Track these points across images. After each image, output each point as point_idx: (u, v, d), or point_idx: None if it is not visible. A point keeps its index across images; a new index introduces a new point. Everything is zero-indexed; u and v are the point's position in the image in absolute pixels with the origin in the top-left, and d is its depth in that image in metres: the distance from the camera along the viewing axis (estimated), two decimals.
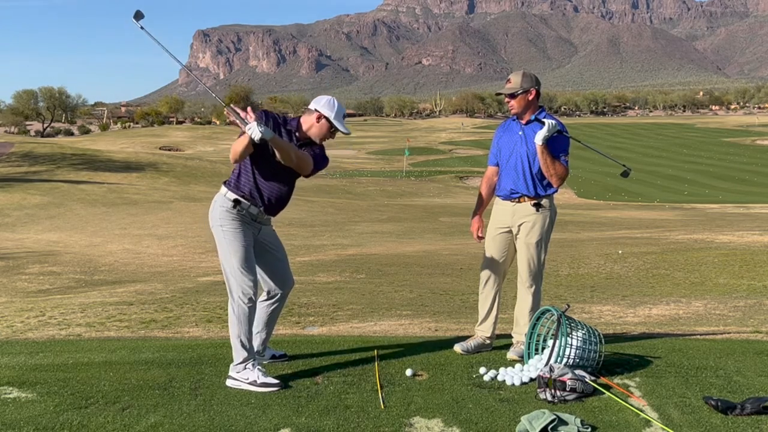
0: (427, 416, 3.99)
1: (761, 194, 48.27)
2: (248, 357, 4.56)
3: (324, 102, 4.67)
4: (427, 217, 29.76)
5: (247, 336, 4.57)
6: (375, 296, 9.32)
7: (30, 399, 4.27)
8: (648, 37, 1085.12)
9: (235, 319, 4.56)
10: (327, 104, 4.65)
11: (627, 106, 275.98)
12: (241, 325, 4.55)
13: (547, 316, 4.95)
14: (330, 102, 4.67)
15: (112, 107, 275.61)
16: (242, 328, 4.55)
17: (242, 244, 4.56)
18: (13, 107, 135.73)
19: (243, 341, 4.57)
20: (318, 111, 4.63)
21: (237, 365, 4.56)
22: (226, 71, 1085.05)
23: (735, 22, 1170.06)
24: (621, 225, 25.77)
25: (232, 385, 4.53)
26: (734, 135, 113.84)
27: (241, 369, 4.54)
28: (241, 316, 4.55)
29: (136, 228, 24.16)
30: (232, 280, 4.56)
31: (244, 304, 4.54)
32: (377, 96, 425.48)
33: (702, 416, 3.95)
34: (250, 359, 4.56)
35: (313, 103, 4.69)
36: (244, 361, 4.55)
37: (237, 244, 4.55)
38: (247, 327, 4.58)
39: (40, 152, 51.03)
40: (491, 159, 5.41)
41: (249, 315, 4.57)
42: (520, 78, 5.14)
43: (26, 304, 9.21)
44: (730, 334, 6.02)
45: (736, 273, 10.99)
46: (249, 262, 4.58)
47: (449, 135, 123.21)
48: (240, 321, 4.55)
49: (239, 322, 4.56)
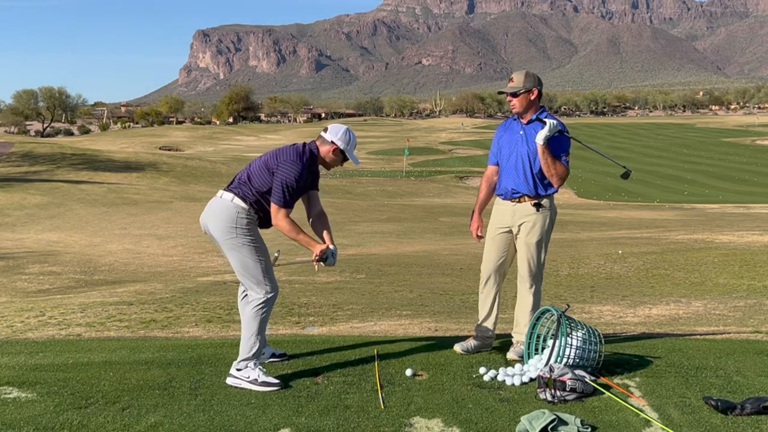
0: (427, 416, 3.99)
1: (761, 194, 48.24)
2: (255, 355, 4.63)
3: (341, 135, 4.78)
4: (427, 217, 29.75)
5: (262, 335, 4.67)
6: (375, 296, 9.31)
7: (30, 399, 4.27)
8: (648, 37, 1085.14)
9: (258, 316, 4.64)
10: (343, 137, 4.78)
11: (627, 106, 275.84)
12: (263, 323, 4.65)
13: (547, 316, 4.95)
14: (346, 135, 4.80)
15: (112, 107, 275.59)
16: (262, 326, 4.66)
17: (263, 248, 4.70)
18: (13, 107, 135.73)
19: (259, 340, 4.65)
20: (335, 144, 4.76)
21: (241, 362, 4.60)
22: (226, 71, 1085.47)
23: (735, 22, 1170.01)
24: (621, 225, 25.77)
25: (232, 383, 4.56)
26: (734, 135, 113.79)
27: (243, 366, 4.59)
28: (265, 315, 4.66)
29: (136, 228, 24.16)
30: (260, 283, 4.64)
31: (272, 302, 4.67)
32: (377, 96, 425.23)
33: (702, 416, 3.95)
34: (255, 358, 4.63)
35: (329, 135, 4.79)
36: (251, 359, 4.60)
37: (259, 249, 4.67)
38: (265, 326, 4.69)
39: (40, 152, 51.04)
40: (491, 158, 5.42)
41: (268, 315, 4.69)
42: (522, 77, 5.15)
43: (26, 304, 9.20)
44: (730, 334, 6.01)
45: (736, 273, 10.99)
46: (269, 264, 4.72)
47: (449, 135, 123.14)
48: (262, 320, 4.65)
49: (261, 320, 4.65)
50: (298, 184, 4.61)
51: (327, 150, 4.76)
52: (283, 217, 4.61)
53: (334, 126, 4.84)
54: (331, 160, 4.79)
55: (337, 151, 4.77)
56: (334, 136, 4.76)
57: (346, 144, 4.77)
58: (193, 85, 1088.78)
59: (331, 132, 4.79)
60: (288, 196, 4.60)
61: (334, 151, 4.76)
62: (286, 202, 4.61)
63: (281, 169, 4.59)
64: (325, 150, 4.76)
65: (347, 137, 4.78)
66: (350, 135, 4.81)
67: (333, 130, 4.80)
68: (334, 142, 4.75)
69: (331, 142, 4.75)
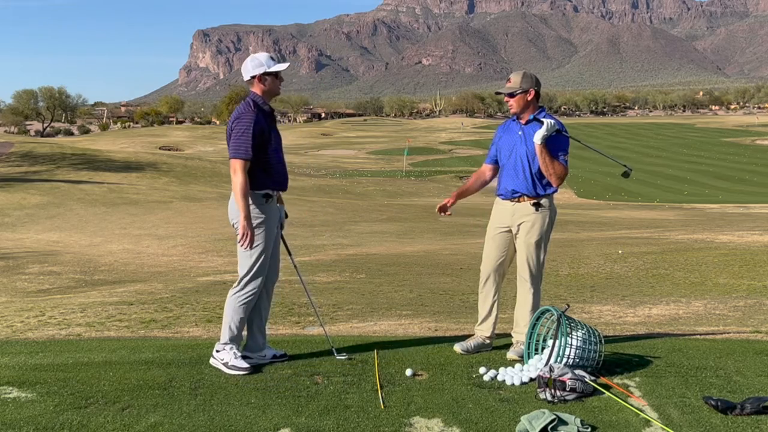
0: (427, 416, 3.99)
1: (761, 194, 48.22)
2: (233, 340, 4.86)
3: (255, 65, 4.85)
4: (427, 217, 29.74)
5: (237, 325, 4.87)
6: (375, 296, 9.31)
7: (30, 399, 4.27)
8: (648, 37, 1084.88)
9: (235, 305, 4.86)
10: (257, 65, 4.85)
11: (627, 106, 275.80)
12: (238, 314, 4.86)
13: (547, 316, 4.94)
14: (255, 61, 4.88)
15: (112, 107, 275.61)
16: (238, 317, 4.87)
17: (269, 243, 4.85)
18: (13, 107, 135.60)
19: (232, 327, 4.87)
20: (258, 74, 4.84)
21: (220, 343, 4.91)
22: (226, 71, 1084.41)
23: (735, 22, 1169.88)
24: (621, 225, 25.76)
25: (212, 363, 4.87)
26: (734, 135, 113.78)
27: (221, 348, 4.85)
28: (241, 308, 4.85)
29: (136, 228, 24.15)
30: (250, 275, 4.83)
31: (242, 304, 4.85)
32: (377, 96, 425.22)
33: (702, 416, 3.95)
34: (234, 343, 4.86)
35: (248, 74, 4.87)
36: (227, 343, 4.85)
37: (265, 242, 4.82)
38: (241, 317, 4.87)
39: (40, 152, 51.00)
40: (488, 158, 5.43)
41: (244, 311, 4.87)
42: (520, 78, 5.16)
43: (26, 303, 9.20)
44: (730, 334, 6.01)
45: (736, 273, 10.98)
46: (266, 262, 4.87)
47: (449, 135, 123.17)
48: (238, 310, 4.85)
49: (236, 310, 4.86)
50: (254, 132, 4.71)
51: (260, 86, 4.86)
52: (239, 167, 4.69)
53: (244, 66, 4.92)
54: (270, 86, 4.87)
55: (265, 77, 4.85)
56: (252, 71, 4.84)
57: (263, 66, 4.83)
58: (193, 85, 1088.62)
59: (247, 71, 4.87)
60: (245, 145, 4.69)
61: (262, 80, 4.85)
62: (246, 151, 4.69)
63: (236, 126, 4.75)
64: (259, 88, 4.86)
65: (258, 61, 4.85)
66: (258, 58, 4.87)
67: (246, 68, 4.88)
68: (257, 76, 4.84)
69: (256, 78, 4.84)
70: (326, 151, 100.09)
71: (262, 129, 4.77)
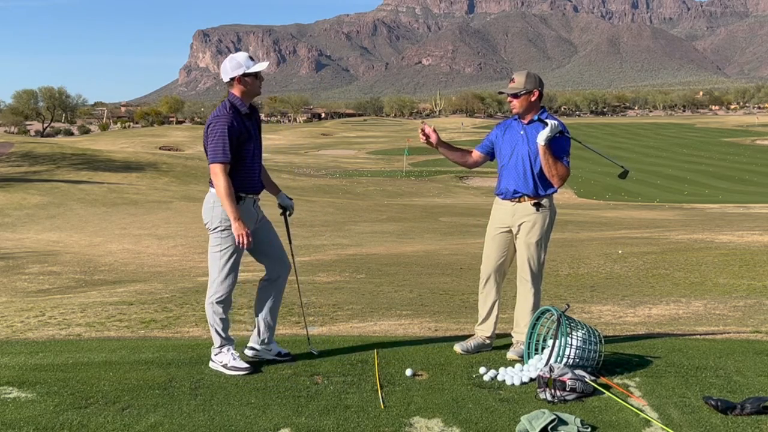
0: (427, 416, 3.99)
1: (761, 194, 48.23)
2: (223, 343, 4.89)
3: (233, 66, 4.81)
4: (427, 217, 29.74)
5: (221, 327, 4.90)
6: (375, 296, 9.31)
7: (30, 399, 4.27)
8: (648, 37, 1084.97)
9: (211, 312, 4.91)
10: (236, 66, 4.82)
11: (627, 106, 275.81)
12: (215, 317, 4.90)
13: (547, 316, 4.94)
14: (233, 61, 4.84)
15: (112, 107, 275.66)
16: (215, 319, 4.91)
17: (238, 250, 4.84)
18: (13, 107, 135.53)
19: (218, 330, 4.91)
20: (238, 76, 4.81)
21: (215, 348, 4.94)
22: None
23: (735, 22, 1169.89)
24: (621, 225, 25.76)
25: (212, 367, 4.87)
26: (734, 135, 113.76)
27: (218, 352, 4.88)
28: (214, 312, 4.90)
29: (136, 228, 24.15)
30: (221, 277, 4.86)
31: (218, 305, 4.88)
32: (377, 96, 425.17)
33: (702, 416, 3.95)
34: (226, 344, 4.89)
35: (227, 76, 4.84)
36: (220, 346, 4.88)
37: (233, 248, 4.82)
38: (221, 318, 4.90)
39: (40, 152, 50.99)
40: (481, 146, 5.41)
41: (223, 311, 4.90)
42: (524, 78, 5.13)
43: (26, 304, 9.20)
44: (730, 334, 6.01)
45: (736, 273, 10.98)
46: (237, 263, 4.89)
47: (449, 135, 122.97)
48: (215, 313, 4.90)
49: (215, 314, 4.91)
50: (230, 134, 4.69)
51: (239, 87, 4.82)
52: (220, 171, 4.68)
53: (222, 67, 4.89)
54: (250, 87, 4.84)
55: (245, 78, 4.81)
56: (231, 73, 4.81)
57: (243, 67, 4.80)
58: (193, 85, 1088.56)
59: (226, 73, 4.84)
60: (222, 148, 4.68)
61: (241, 81, 4.82)
62: (224, 154, 4.68)
63: (211, 130, 4.73)
64: (239, 89, 4.82)
65: (237, 62, 4.82)
66: (236, 59, 4.84)
67: (225, 70, 4.85)
68: (236, 77, 4.81)
69: (235, 79, 4.81)
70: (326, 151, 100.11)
71: (240, 131, 4.76)
